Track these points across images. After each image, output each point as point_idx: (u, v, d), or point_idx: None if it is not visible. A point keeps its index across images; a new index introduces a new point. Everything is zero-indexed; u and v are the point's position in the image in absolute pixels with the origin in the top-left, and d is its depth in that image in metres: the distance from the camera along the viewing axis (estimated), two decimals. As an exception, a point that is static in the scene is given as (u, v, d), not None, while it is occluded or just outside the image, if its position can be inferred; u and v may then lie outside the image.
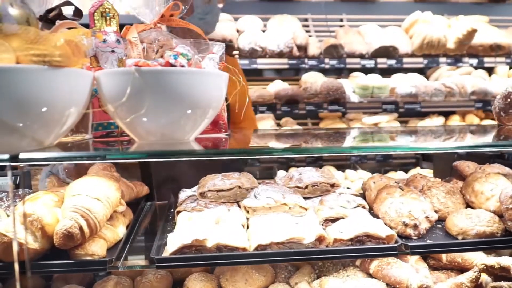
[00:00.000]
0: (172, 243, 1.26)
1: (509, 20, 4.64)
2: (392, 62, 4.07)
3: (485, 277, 1.62)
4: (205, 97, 1.14)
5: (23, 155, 0.90)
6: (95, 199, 1.25)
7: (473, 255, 1.63)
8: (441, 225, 1.48)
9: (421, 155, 4.15)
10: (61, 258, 1.19)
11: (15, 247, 1.07)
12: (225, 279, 1.59)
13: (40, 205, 1.23)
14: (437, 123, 4.20)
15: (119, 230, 1.37)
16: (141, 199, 1.72)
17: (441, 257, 1.67)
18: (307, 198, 1.62)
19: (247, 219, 1.46)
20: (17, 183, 1.59)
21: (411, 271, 1.53)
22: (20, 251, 1.09)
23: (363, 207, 1.55)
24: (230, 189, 1.54)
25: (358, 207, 1.54)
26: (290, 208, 1.46)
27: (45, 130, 1.02)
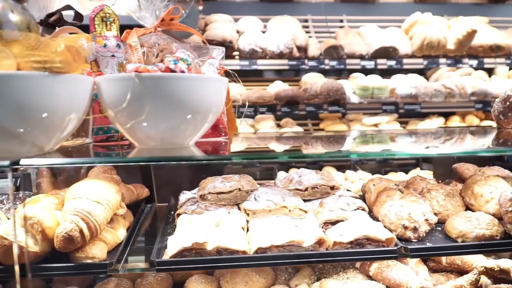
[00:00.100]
0: (172, 246, 1.26)
1: (509, 21, 4.64)
2: (392, 63, 4.06)
3: (484, 280, 1.62)
4: (205, 102, 1.15)
5: (23, 161, 0.90)
6: (96, 202, 1.25)
7: (472, 258, 1.64)
8: (440, 228, 1.48)
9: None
10: (62, 261, 1.19)
11: (15, 250, 1.07)
12: (225, 281, 1.59)
13: (40, 208, 1.23)
14: (437, 124, 4.20)
15: (120, 232, 1.37)
16: (142, 201, 1.73)
17: (441, 259, 1.67)
18: (307, 200, 1.63)
19: (247, 221, 1.46)
20: (18, 185, 1.60)
21: (410, 274, 1.54)
22: (20, 254, 1.09)
23: (363, 210, 1.55)
24: (230, 192, 1.54)
25: (358, 209, 1.54)
26: (290, 210, 1.46)
27: (46, 135, 1.02)
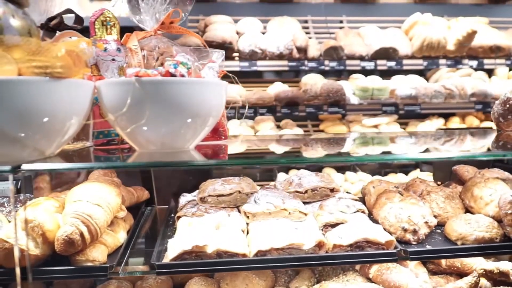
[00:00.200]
0: (172, 249, 1.27)
1: (509, 21, 4.65)
2: (392, 64, 4.07)
3: (484, 282, 1.62)
4: (205, 106, 1.15)
5: (25, 166, 0.90)
6: (96, 205, 1.25)
7: (472, 260, 1.64)
8: (440, 230, 1.48)
9: (421, 157, 4.15)
10: (62, 264, 1.19)
11: (16, 253, 1.07)
12: (225, 283, 1.60)
13: (41, 211, 1.23)
14: (437, 125, 4.20)
15: (120, 235, 1.38)
16: (142, 203, 1.73)
17: (441, 261, 1.67)
18: (306, 202, 1.63)
19: (247, 224, 1.46)
20: (19, 187, 1.60)
21: (410, 276, 1.54)
22: (21, 257, 1.09)
23: (363, 212, 1.55)
24: (230, 194, 1.54)
25: (357, 212, 1.54)
26: (289, 213, 1.46)
27: (47, 140, 1.02)
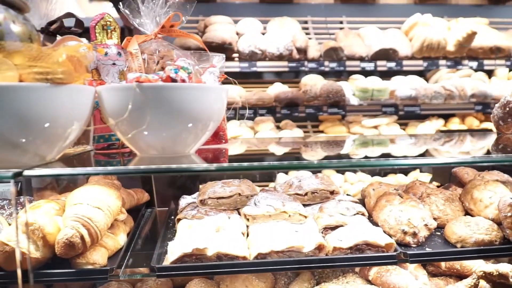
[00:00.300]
0: (172, 251, 1.27)
1: (509, 22, 4.65)
2: (392, 64, 4.07)
3: (483, 284, 1.62)
4: (206, 112, 1.16)
5: (27, 173, 0.90)
6: (96, 208, 1.26)
7: (471, 262, 1.64)
8: (440, 233, 1.49)
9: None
10: (62, 266, 1.20)
11: (18, 256, 1.07)
12: (225, 285, 1.60)
13: (41, 214, 1.23)
14: (436, 125, 4.21)
15: (120, 238, 1.38)
16: (142, 205, 1.73)
17: (440, 263, 1.68)
18: (306, 205, 1.63)
19: (247, 226, 1.47)
20: (19, 189, 1.60)
21: (410, 278, 1.54)
22: (22, 260, 1.09)
23: (363, 215, 1.55)
24: (230, 197, 1.54)
25: (357, 214, 1.55)
26: (290, 216, 1.46)
27: (48, 145, 1.02)
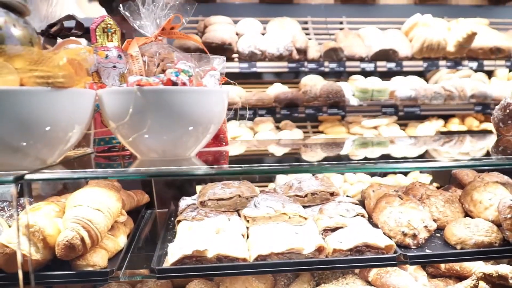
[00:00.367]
0: (172, 253, 1.27)
1: (509, 23, 4.65)
2: (391, 65, 4.07)
3: (483, 285, 1.63)
4: (207, 115, 1.16)
5: (28, 177, 0.90)
6: (97, 210, 1.26)
7: (471, 263, 1.64)
8: (440, 234, 1.49)
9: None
10: (63, 268, 1.20)
11: (19, 258, 1.07)
12: (225, 286, 1.60)
13: (41, 215, 1.24)
14: (436, 126, 4.21)
15: (120, 240, 1.38)
16: (142, 207, 1.73)
17: (440, 265, 1.68)
18: (306, 206, 1.63)
19: (247, 228, 1.47)
20: (19, 191, 1.60)
21: (409, 279, 1.55)
22: (22, 262, 1.09)
23: (362, 216, 1.56)
24: (230, 198, 1.54)
25: (357, 216, 1.55)
26: (290, 217, 1.47)
27: (49, 149, 1.03)
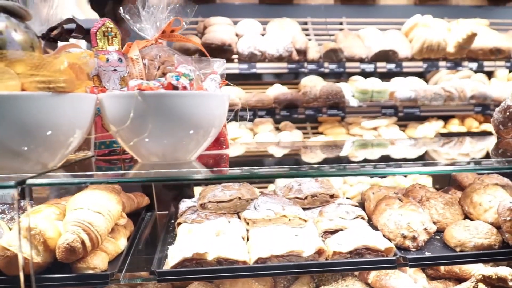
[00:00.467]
0: (173, 256, 1.27)
1: (509, 23, 4.65)
2: (391, 66, 4.07)
3: (483, 287, 1.63)
4: (207, 119, 1.16)
5: (30, 181, 0.91)
6: (97, 213, 1.26)
7: (471, 265, 1.65)
8: (439, 236, 1.49)
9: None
10: (63, 271, 1.20)
11: (20, 261, 1.07)
12: (225, 288, 1.60)
13: (42, 218, 1.24)
14: (436, 127, 4.21)
15: (120, 242, 1.38)
16: (142, 209, 1.74)
17: (439, 267, 1.68)
18: (306, 208, 1.63)
19: (247, 230, 1.47)
20: (20, 193, 1.60)
21: (409, 282, 1.55)
22: (23, 264, 1.10)
23: (362, 218, 1.56)
24: (230, 200, 1.55)
25: (357, 218, 1.55)
26: (289, 220, 1.47)
27: (50, 153, 1.03)
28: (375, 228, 1.50)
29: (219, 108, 1.19)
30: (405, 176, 4.06)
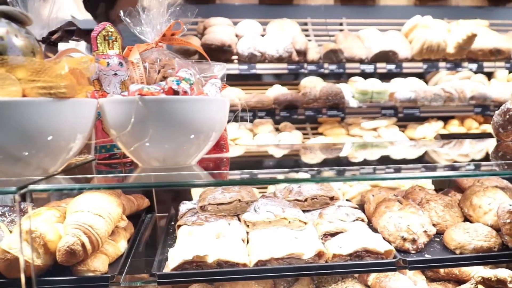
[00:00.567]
0: (173, 258, 1.28)
1: (510, 24, 4.65)
2: (391, 66, 4.07)
3: (482, 289, 1.64)
4: (208, 123, 1.16)
5: (32, 187, 0.91)
6: (97, 216, 1.26)
7: (470, 267, 1.65)
8: (439, 239, 1.50)
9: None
10: (63, 274, 1.20)
11: (22, 263, 1.08)
12: (225, 290, 1.61)
13: (42, 221, 1.24)
14: (436, 128, 4.21)
15: (121, 245, 1.39)
16: (142, 211, 1.74)
17: (439, 269, 1.68)
18: (306, 211, 1.64)
19: (247, 232, 1.47)
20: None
21: (409, 284, 1.55)
22: (24, 267, 1.10)
23: (362, 221, 1.56)
24: (230, 203, 1.55)
25: (357, 220, 1.55)
26: (289, 222, 1.47)
27: (51, 158, 1.03)
28: (375, 230, 1.51)
29: (219, 112, 1.19)
30: (405, 176, 4.06)
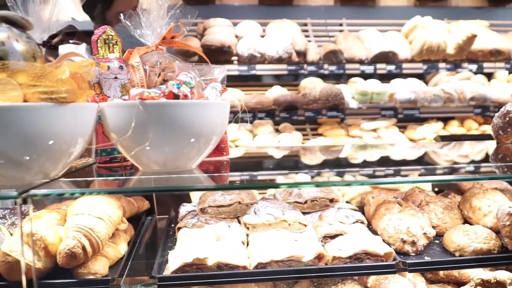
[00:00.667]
0: (173, 261, 1.28)
1: (509, 24, 4.65)
2: (391, 67, 4.08)
3: (482, 291, 1.64)
4: (208, 127, 1.17)
5: (33, 192, 0.91)
6: (98, 218, 1.26)
7: (470, 269, 1.65)
8: (439, 241, 1.50)
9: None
10: (64, 277, 1.20)
11: (23, 266, 1.08)
12: (225, 292, 1.61)
13: (42, 224, 1.24)
14: (435, 128, 4.22)
15: (121, 247, 1.39)
16: (142, 213, 1.74)
17: (438, 271, 1.69)
18: (306, 213, 1.64)
19: (247, 235, 1.48)
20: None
21: (408, 286, 1.55)
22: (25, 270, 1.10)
23: (362, 223, 1.56)
24: (230, 205, 1.55)
25: (356, 222, 1.55)
26: (289, 224, 1.47)
27: (52, 162, 1.04)
28: (375, 232, 1.51)
29: (220, 116, 1.20)
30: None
